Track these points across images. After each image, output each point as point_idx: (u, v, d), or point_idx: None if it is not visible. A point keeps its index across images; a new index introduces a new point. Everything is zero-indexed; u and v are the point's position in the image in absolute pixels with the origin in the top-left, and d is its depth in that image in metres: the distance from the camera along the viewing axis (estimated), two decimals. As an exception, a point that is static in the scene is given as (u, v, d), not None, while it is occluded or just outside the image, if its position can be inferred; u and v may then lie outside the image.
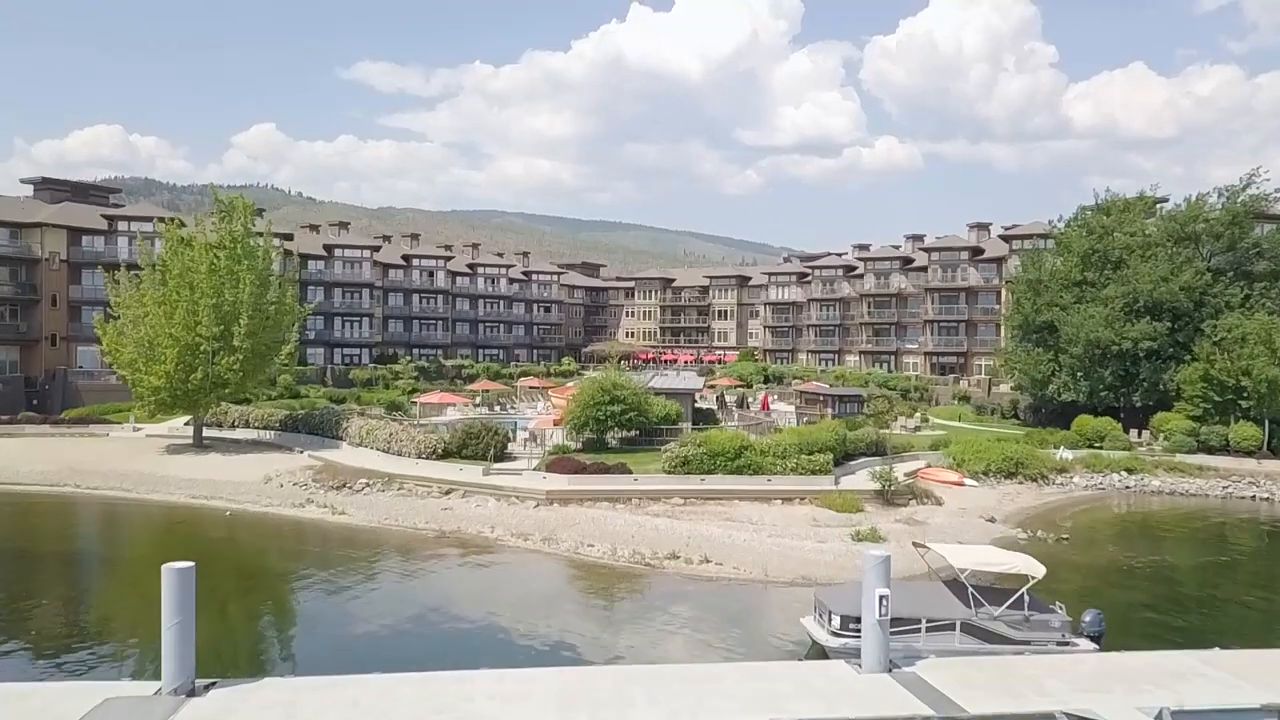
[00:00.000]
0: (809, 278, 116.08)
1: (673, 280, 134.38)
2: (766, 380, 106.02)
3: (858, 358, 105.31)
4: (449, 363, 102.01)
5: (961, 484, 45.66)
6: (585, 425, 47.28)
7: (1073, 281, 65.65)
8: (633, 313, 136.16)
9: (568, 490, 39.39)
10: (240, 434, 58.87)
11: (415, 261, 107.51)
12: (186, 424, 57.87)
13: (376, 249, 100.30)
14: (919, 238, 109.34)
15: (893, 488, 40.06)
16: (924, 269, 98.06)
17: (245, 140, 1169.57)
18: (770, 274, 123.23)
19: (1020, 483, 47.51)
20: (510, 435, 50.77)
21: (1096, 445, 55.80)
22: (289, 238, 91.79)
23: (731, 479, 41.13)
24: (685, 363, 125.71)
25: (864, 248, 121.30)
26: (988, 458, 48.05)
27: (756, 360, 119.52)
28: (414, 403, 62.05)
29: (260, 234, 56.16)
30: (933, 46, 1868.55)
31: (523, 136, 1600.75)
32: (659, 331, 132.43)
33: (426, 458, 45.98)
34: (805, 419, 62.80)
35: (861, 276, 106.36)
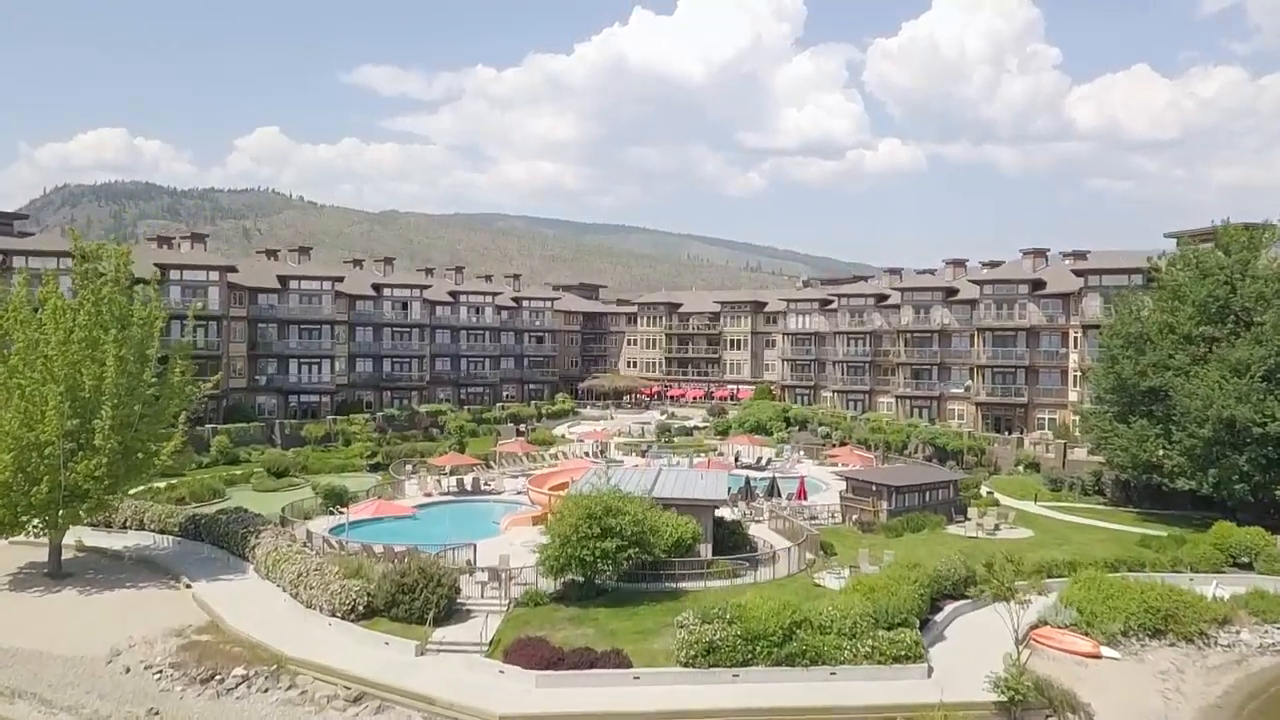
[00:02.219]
0: (834, 305, 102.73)
1: (679, 305, 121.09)
2: (788, 424, 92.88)
3: (893, 402, 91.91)
4: (424, 408, 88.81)
5: (1097, 655, 32.37)
6: (567, 567, 33.97)
7: (1185, 337, 52.36)
8: (635, 341, 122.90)
9: (533, 714, 25.96)
10: (131, 539, 45.72)
11: (387, 292, 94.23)
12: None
13: (339, 279, 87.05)
14: (960, 263, 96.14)
15: (1024, 699, 26.68)
16: (971, 303, 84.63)
17: (248, 143, 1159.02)
18: (789, 300, 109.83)
19: (1172, 644, 34.18)
20: (469, 566, 37.61)
21: (1243, 563, 42.44)
22: (232, 269, 78.57)
23: (778, 674, 27.85)
24: (694, 399, 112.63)
25: (895, 272, 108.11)
26: (1124, 608, 34.60)
27: (774, 398, 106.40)
28: (341, 511, 48.37)
29: (142, 283, 42.41)
30: (935, 49, 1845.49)
31: (525, 139, 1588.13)
32: (664, 362, 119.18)
33: (343, 616, 32.69)
34: (855, 517, 49.46)
35: (897, 308, 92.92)
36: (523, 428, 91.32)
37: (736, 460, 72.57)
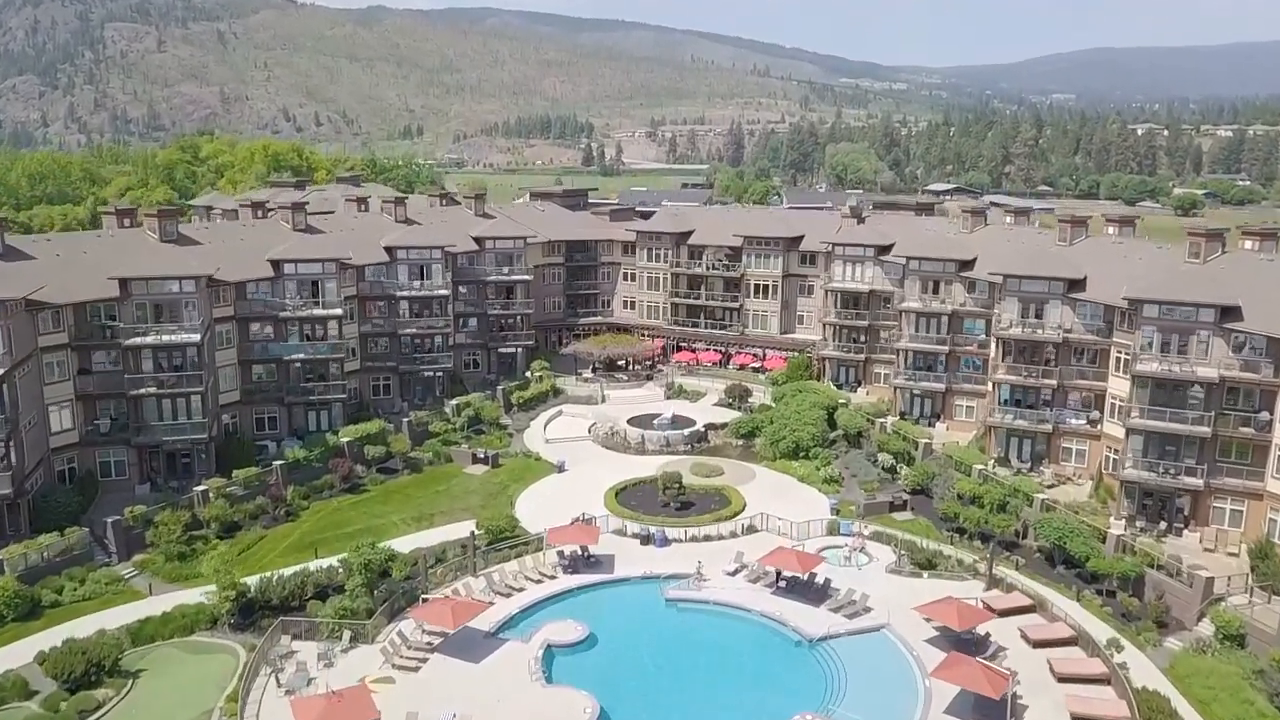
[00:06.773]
0: (893, 260, 76.77)
1: (689, 234, 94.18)
2: (832, 427, 69.63)
3: (979, 429, 67.69)
4: (343, 436, 64.89)
5: None
6: None
7: None
8: (633, 276, 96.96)
9: None
10: None
11: (290, 269, 68.06)
12: None
13: (210, 275, 60.80)
14: (1082, 222, 69.38)
15: None
16: (1108, 310, 59.15)
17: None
18: (836, 245, 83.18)
19: None
20: None
21: None
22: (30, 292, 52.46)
23: None
24: (708, 364, 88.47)
25: (980, 214, 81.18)
26: None
27: (812, 371, 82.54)
28: None
29: None
30: None
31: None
32: (670, 309, 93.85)
33: None
34: None
35: (992, 287, 67.19)
36: (481, 451, 67.92)
37: (778, 577, 50.34)
